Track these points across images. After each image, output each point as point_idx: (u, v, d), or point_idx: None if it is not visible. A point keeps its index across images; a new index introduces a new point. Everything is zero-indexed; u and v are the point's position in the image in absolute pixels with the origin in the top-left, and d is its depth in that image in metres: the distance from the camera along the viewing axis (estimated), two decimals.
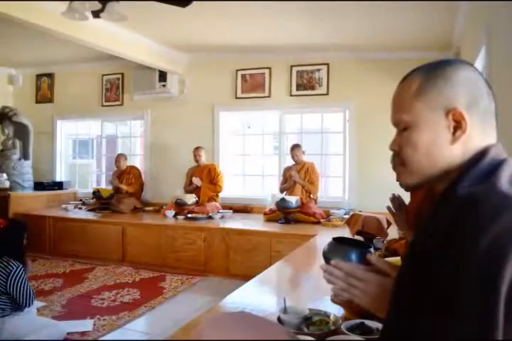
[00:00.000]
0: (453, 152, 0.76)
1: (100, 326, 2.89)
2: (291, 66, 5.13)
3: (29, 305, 2.56)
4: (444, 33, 3.94)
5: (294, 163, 4.79)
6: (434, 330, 0.61)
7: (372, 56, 4.73)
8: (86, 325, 2.91)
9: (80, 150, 6.82)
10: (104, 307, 3.26)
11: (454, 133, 0.76)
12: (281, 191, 4.79)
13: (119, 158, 5.60)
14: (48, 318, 2.90)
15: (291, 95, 5.15)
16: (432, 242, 0.66)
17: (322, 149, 5.33)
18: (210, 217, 4.67)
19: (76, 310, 3.20)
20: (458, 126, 0.75)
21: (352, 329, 1.24)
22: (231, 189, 5.41)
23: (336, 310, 1.43)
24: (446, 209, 0.69)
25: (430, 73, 0.79)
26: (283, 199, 4.35)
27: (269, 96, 5.25)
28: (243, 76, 5.36)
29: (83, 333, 2.77)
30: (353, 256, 1.02)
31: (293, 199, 4.34)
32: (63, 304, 3.33)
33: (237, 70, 5.37)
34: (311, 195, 4.68)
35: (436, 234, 0.66)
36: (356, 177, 4.89)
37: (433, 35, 4.05)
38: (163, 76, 5.50)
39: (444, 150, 0.76)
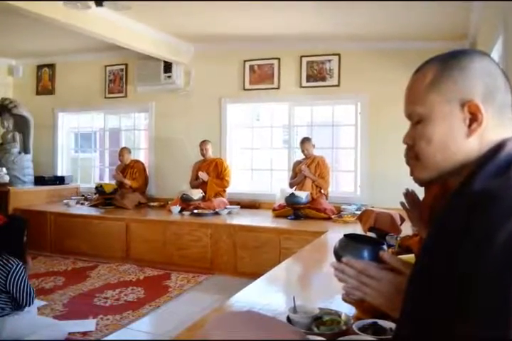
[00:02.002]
0: (468, 145, 0.76)
1: (103, 326, 2.92)
2: (301, 56, 5.11)
3: (29, 304, 2.59)
4: (460, 23, 3.90)
5: (303, 156, 4.80)
6: (448, 330, 0.61)
7: (385, 46, 4.69)
8: (88, 324, 2.94)
9: (82, 144, 6.86)
10: (107, 307, 3.29)
11: (469, 126, 0.75)
12: (291, 186, 4.80)
13: (123, 151, 5.63)
14: (48, 318, 2.93)
15: (301, 86, 5.14)
16: (446, 239, 0.66)
17: (333, 142, 5.32)
18: (216, 213, 4.69)
19: (78, 309, 3.23)
20: (474, 118, 0.75)
21: (364, 329, 1.24)
22: (239, 184, 5.42)
23: (347, 310, 1.43)
24: (461, 204, 0.69)
25: (445, 64, 0.78)
26: (292, 194, 4.35)
27: (278, 88, 5.24)
28: (251, 67, 5.35)
29: (85, 333, 2.80)
30: (365, 254, 1.02)
31: (303, 195, 4.35)
32: (65, 303, 3.36)
33: (245, 61, 5.36)
34: (322, 190, 4.68)
35: (450, 230, 0.66)
36: (368, 172, 4.87)
37: (448, 25, 4.01)
38: (168, 67, 5.50)
39: (459, 143, 0.76)
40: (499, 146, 0.74)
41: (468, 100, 0.75)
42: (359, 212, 3.71)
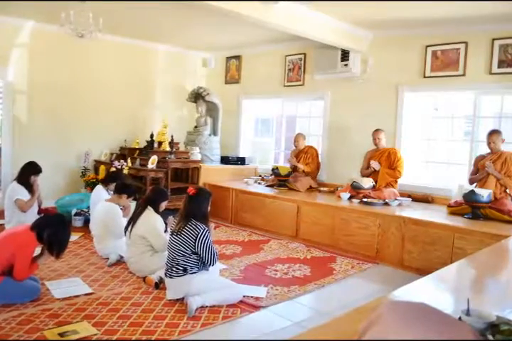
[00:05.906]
0: None
1: (272, 295, 3.20)
2: (493, 39, 4.60)
3: (213, 264, 3.03)
4: None
5: (488, 151, 4.35)
6: None
7: None
8: (260, 291, 3.26)
9: (261, 129, 7.40)
10: (276, 278, 3.59)
11: None
12: (471, 182, 4.42)
13: (298, 137, 5.90)
14: (228, 279, 3.33)
15: (491, 73, 4.64)
16: None
17: None
18: (386, 204, 4.62)
19: (252, 276, 3.61)
20: None
21: None
22: (411, 175, 5.22)
23: None
24: None
25: None
26: (472, 191, 4.01)
27: (463, 75, 4.83)
28: (433, 52, 5.03)
29: (257, 298, 3.10)
30: None
31: (484, 193, 3.98)
32: (241, 269, 3.78)
33: (427, 46, 5.06)
34: (507, 190, 4.20)
35: None
36: None
37: None
38: (345, 55, 5.53)
39: None
40: None
41: None
42: None
